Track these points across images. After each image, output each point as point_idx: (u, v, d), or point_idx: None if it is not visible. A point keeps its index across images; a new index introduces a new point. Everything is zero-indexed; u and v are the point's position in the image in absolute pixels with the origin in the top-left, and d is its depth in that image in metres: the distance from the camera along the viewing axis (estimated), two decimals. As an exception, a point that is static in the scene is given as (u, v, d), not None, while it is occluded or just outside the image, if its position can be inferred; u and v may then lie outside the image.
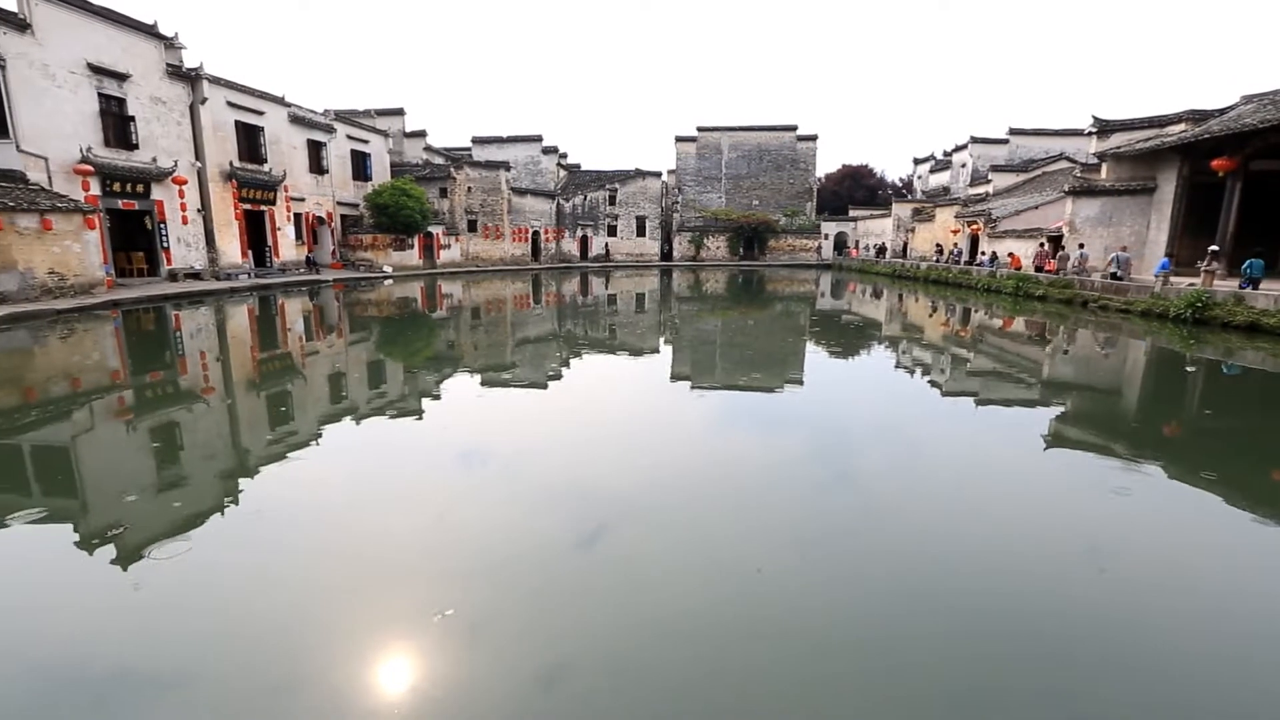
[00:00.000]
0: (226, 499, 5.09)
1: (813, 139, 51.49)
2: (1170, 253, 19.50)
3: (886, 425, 7.53)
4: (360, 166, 35.05)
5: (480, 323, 17.55)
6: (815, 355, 12.81)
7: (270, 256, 28.25)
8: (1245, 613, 3.58)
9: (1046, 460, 6.21)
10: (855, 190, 59.47)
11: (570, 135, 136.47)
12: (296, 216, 30.11)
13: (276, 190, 28.05)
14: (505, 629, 3.33)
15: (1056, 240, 23.47)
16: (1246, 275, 14.87)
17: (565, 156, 52.02)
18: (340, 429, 7.11)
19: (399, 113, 41.73)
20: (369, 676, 2.96)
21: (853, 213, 51.13)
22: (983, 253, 29.00)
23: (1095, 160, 24.32)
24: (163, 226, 22.70)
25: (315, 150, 31.22)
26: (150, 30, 22.06)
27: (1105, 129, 23.77)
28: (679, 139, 51.58)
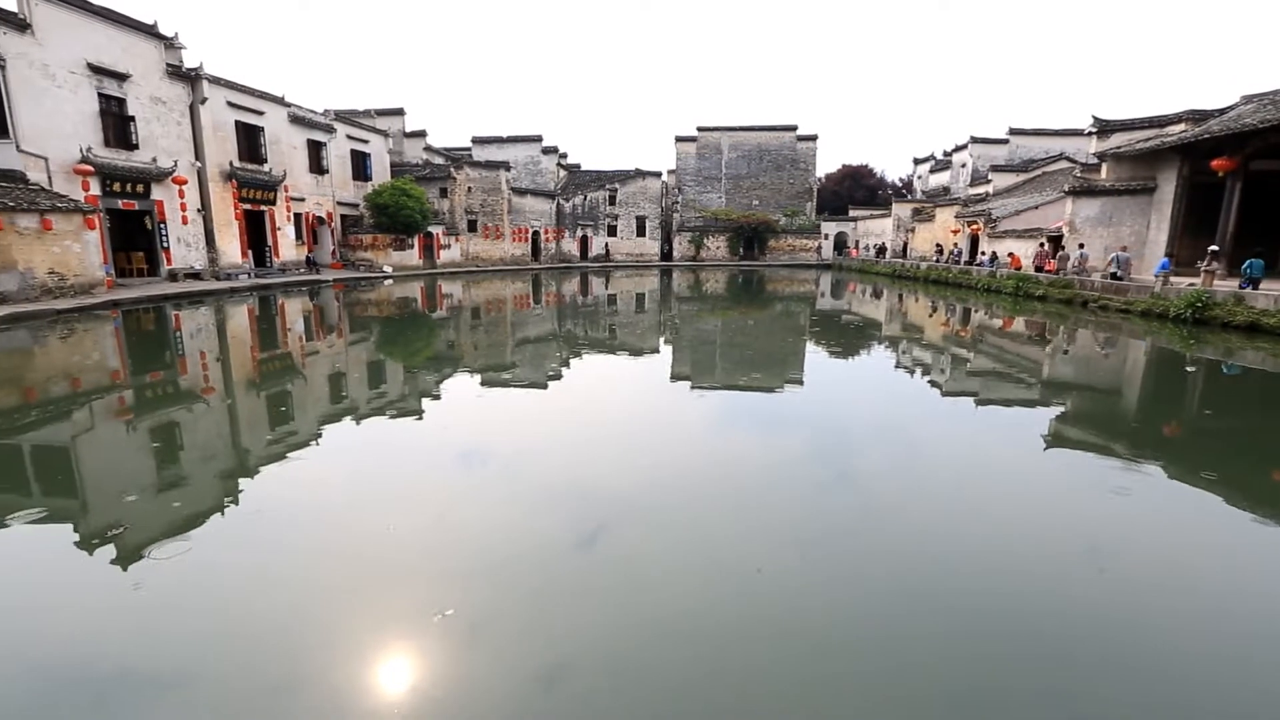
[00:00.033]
0: (226, 499, 5.10)
1: (813, 139, 51.51)
2: (1170, 253, 19.51)
3: (886, 425, 7.53)
4: (360, 166, 35.06)
5: (480, 323, 17.55)
6: (815, 355, 12.81)
7: (270, 256, 28.26)
8: (1245, 613, 3.59)
9: (1046, 460, 6.21)
10: (855, 190, 59.48)
11: (570, 135, 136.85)
12: (296, 216, 30.11)
13: (276, 190, 28.06)
14: (505, 629, 3.33)
15: (1057, 240, 23.47)
16: (1246, 275, 14.88)
17: (565, 156, 52.03)
18: (340, 429, 7.12)
19: (399, 113, 41.74)
20: (369, 676, 2.96)
21: (853, 213, 51.17)
22: (983, 253, 29.00)
23: (1095, 160, 24.32)
24: (163, 226, 22.71)
25: (315, 150, 31.23)
26: (150, 30, 22.06)
27: (1105, 129, 23.77)
28: (679, 139, 51.60)
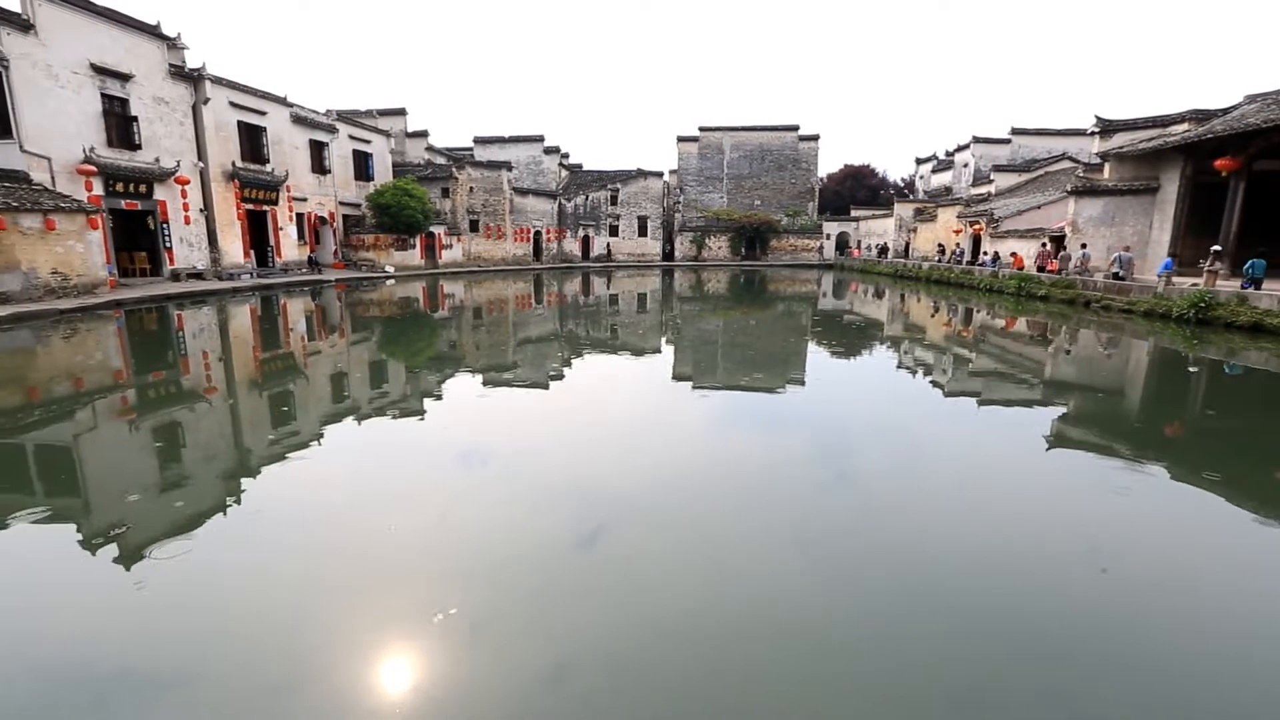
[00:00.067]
0: (228, 499, 5.11)
1: (814, 139, 51.46)
2: (1173, 253, 19.49)
3: (888, 425, 7.53)
4: (362, 166, 35.11)
5: (482, 323, 17.57)
6: (817, 355, 12.80)
7: (272, 256, 28.30)
8: (1247, 614, 3.58)
9: (1048, 461, 6.20)
10: (857, 190, 59.43)
11: (572, 135, 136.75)
12: (299, 216, 30.15)
13: (279, 190, 28.11)
14: (506, 629, 3.33)
15: (1059, 240, 23.43)
16: (1248, 275, 14.86)
17: (567, 156, 52.04)
18: (342, 429, 7.13)
19: (401, 113, 41.80)
20: (370, 676, 2.97)
21: (855, 213, 51.14)
22: (985, 253, 28.97)
23: (1098, 160, 24.27)
24: (165, 226, 22.75)
25: (317, 150, 31.27)
26: (153, 31, 22.11)
27: (1108, 129, 23.72)
28: (681, 139, 51.59)
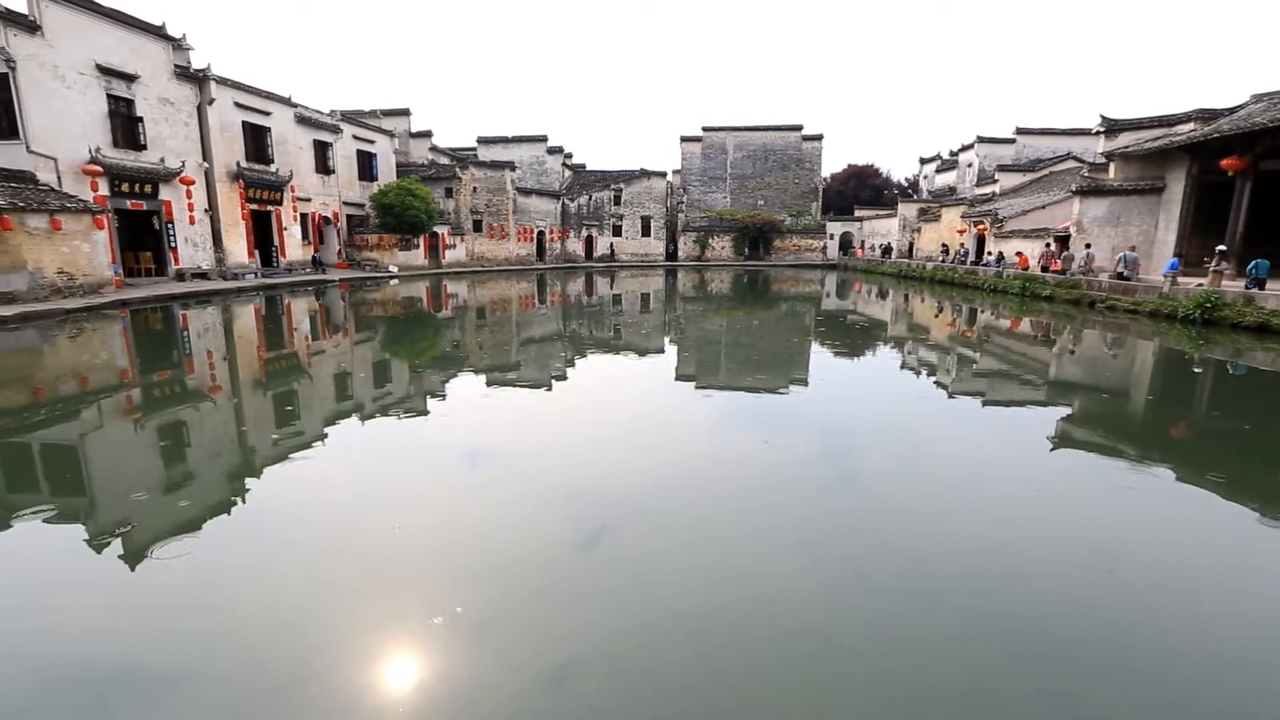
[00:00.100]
0: (233, 498, 5.13)
1: (818, 139, 51.34)
2: (1179, 253, 19.40)
3: (892, 426, 7.51)
4: (366, 167, 35.19)
5: (485, 323, 17.59)
6: (820, 356, 12.78)
7: (276, 256, 28.38)
8: (1251, 615, 3.56)
9: (1053, 461, 6.18)
10: (861, 190, 59.31)
11: (575, 135, 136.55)
12: (303, 216, 30.24)
13: (283, 190, 28.19)
14: (510, 628, 3.34)
15: (1064, 240, 23.35)
16: (1252, 276, 14.80)
17: (570, 156, 52.06)
18: (346, 429, 7.15)
19: (404, 113, 41.87)
20: (375, 675, 2.97)
21: (858, 213, 51.06)
22: (989, 253, 28.89)
23: (1103, 160, 24.16)
24: (170, 226, 22.84)
25: (321, 150, 31.36)
26: (158, 31, 22.20)
27: (1113, 128, 23.61)
28: (684, 139, 51.54)
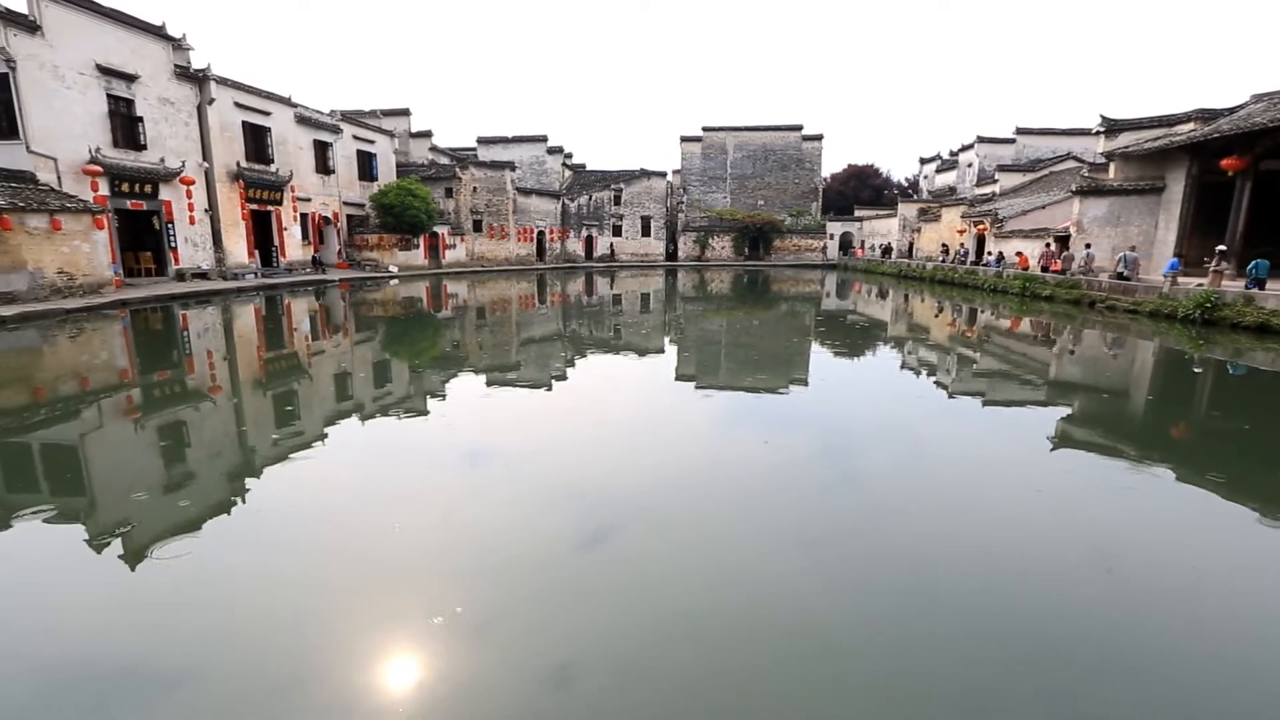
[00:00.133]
0: (233, 498, 5.13)
1: (818, 139, 51.34)
2: (1179, 253, 19.40)
3: (892, 426, 7.51)
4: (366, 167, 35.19)
5: (485, 323, 17.59)
6: (821, 356, 12.78)
7: (276, 256, 28.37)
8: (1252, 615, 3.56)
9: (1053, 461, 6.18)
10: (861, 190, 59.30)
11: (575, 135, 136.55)
12: (303, 216, 30.23)
13: (283, 190, 28.18)
14: (511, 628, 3.34)
15: (1064, 240, 23.35)
16: (1252, 276, 14.81)
17: (570, 156, 52.06)
18: (346, 429, 7.15)
19: (405, 113, 41.86)
20: (375, 675, 2.97)
21: (858, 213, 51.05)
22: (989, 253, 28.89)
23: (1103, 160, 24.16)
24: (170, 226, 22.84)
25: (321, 150, 31.36)
26: (158, 31, 22.19)
27: (1113, 128, 23.60)
28: (684, 139, 51.53)
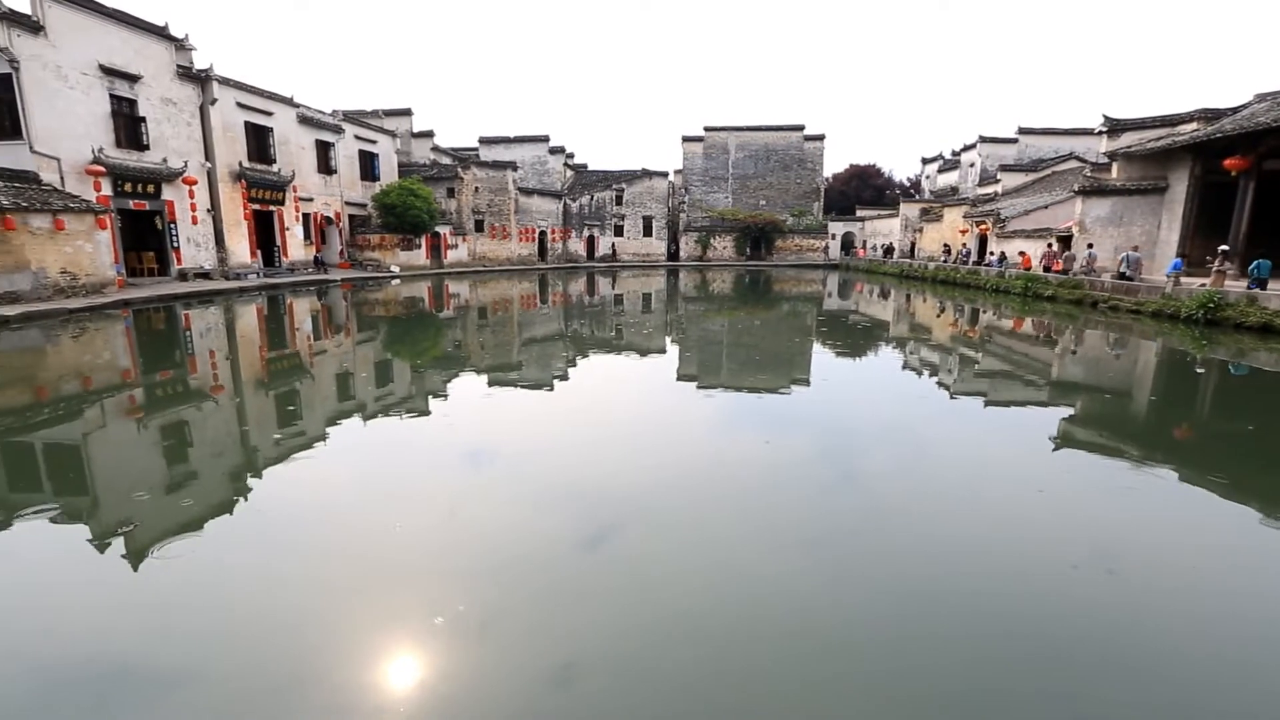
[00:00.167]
0: (235, 498, 5.14)
1: (820, 139, 51.33)
2: (1182, 253, 19.35)
3: (894, 426, 7.50)
4: (368, 167, 35.24)
5: (487, 323, 17.61)
6: (822, 356, 12.77)
7: (279, 256, 28.42)
8: (1252, 615, 3.55)
9: (1055, 461, 6.17)
10: (863, 190, 59.23)
11: (577, 135, 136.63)
12: (305, 216, 30.27)
13: (285, 190, 28.23)
14: (512, 628, 3.34)
15: (1066, 240, 23.31)
16: (1254, 276, 14.78)
17: (572, 157, 52.10)
18: (348, 429, 7.16)
19: (406, 113, 41.92)
20: (376, 675, 2.98)
21: (860, 213, 50.99)
22: (991, 253, 28.84)
23: (1105, 160, 24.13)
24: (173, 226, 22.89)
25: (323, 150, 31.40)
26: (161, 32, 22.24)
27: (1116, 128, 23.56)
28: (686, 139, 51.54)
